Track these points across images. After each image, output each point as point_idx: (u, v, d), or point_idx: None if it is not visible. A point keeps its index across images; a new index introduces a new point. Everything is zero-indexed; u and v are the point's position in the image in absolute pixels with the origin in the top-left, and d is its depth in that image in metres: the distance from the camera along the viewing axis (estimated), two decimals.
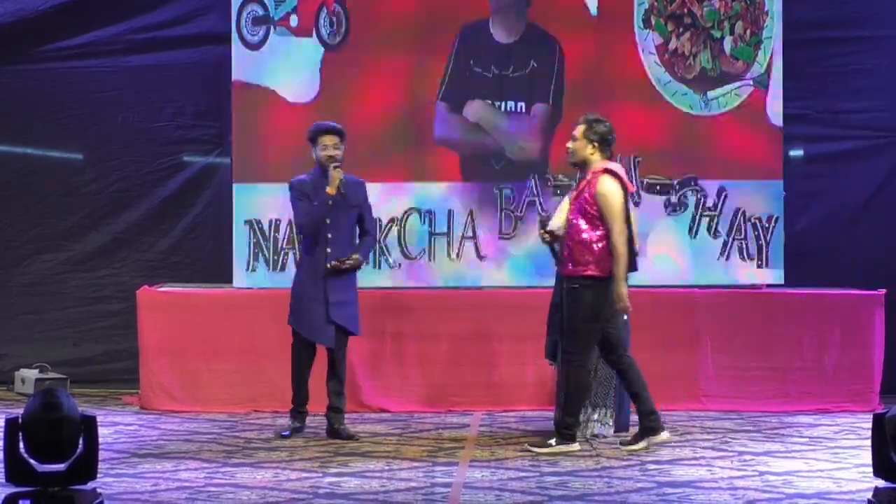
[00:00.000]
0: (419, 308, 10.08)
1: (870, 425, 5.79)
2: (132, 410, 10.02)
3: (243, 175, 10.22)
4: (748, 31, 10.35)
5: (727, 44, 10.34)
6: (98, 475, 5.60)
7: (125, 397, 10.46)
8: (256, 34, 10.29)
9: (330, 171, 8.69)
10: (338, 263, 8.70)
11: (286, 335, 9.44)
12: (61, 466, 5.47)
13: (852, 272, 10.60)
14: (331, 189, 8.68)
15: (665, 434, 8.36)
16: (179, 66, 11.05)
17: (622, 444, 8.36)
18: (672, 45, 10.33)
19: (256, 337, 9.80)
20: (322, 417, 9.56)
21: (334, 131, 8.82)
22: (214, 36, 10.85)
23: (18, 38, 10.97)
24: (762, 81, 10.33)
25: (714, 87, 10.33)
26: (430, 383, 10.03)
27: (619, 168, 8.41)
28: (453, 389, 9.99)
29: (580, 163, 8.37)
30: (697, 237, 10.32)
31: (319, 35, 10.32)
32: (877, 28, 10.93)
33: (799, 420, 9.60)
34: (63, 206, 11.12)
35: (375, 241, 9.30)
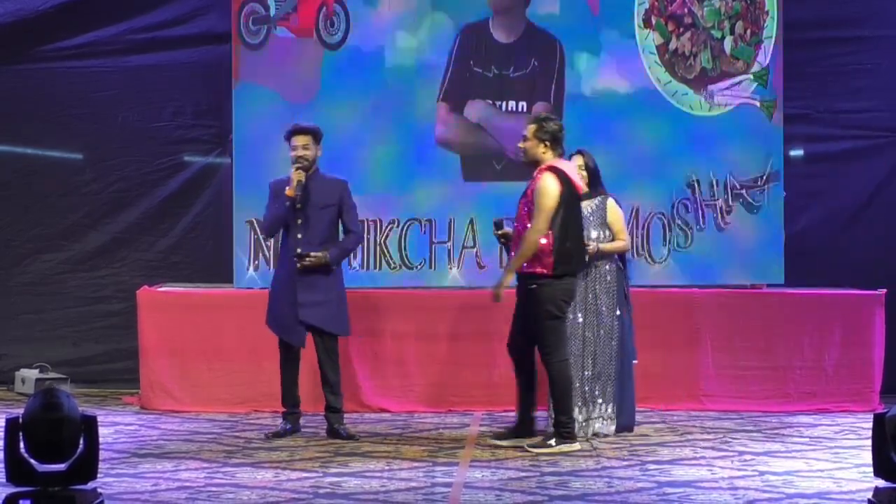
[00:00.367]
0: (419, 308, 10.07)
1: (870, 425, 5.79)
2: (132, 410, 10.02)
3: (243, 175, 10.22)
4: (748, 31, 10.35)
5: (727, 44, 10.34)
6: (98, 475, 5.61)
7: (125, 397, 10.47)
8: (256, 34, 10.29)
9: (291, 173, 8.69)
10: (297, 259, 8.66)
11: None
12: (62, 466, 5.48)
13: (852, 272, 10.61)
14: (289, 190, 8.64)
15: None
16: (179, 66, 11.06)
17: (529, 447, 8.33)
18: (672, 45, 10.33)
19: (257, 337, 9.77)
20: (321, 417, 9.57)
21: (305, 131, 8.76)
22: (214, 35, 10.86)
23: (18, 38, 10.97)
24: (762, 81, 10.33)
25: (714, 90, 10.33)
26: (431, 383, 10.03)
27: (569, 166, 8.38)
28: (453, 389, 9.99)
29: (532, 162, 8.38)
30: (698, 237, 10.31)
31: (319, 35, 10.32)
32: (877, 28, 10.94)
33: (799, 420, 9.60)
34: (63, 206, 11.12)
35: (360, 239, 9.18)
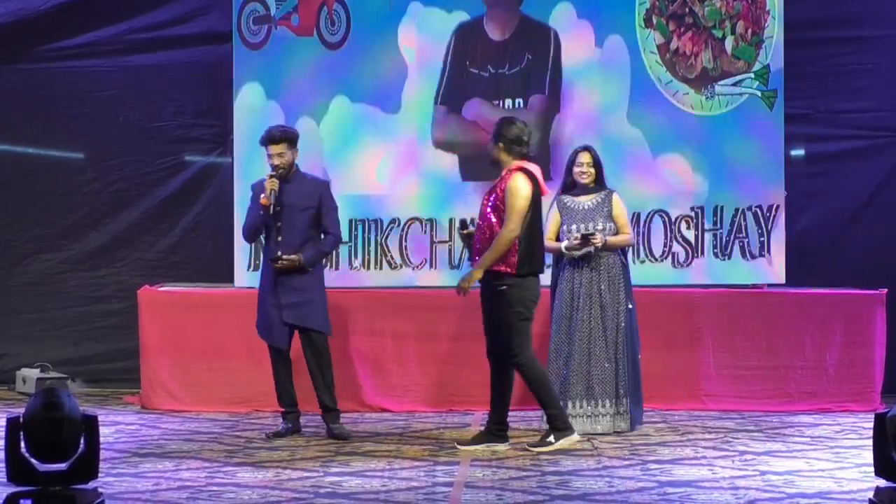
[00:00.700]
0: (420, 308, 10.07)
1: (871, 425, 5.79)
2: (133, 410, 10.03)
3: (244, 175, 10.21)
4: (749, 31, 10.35)
5: (728, 43, 10.34)
6: (99, 475, 5.60)
7: (126, 397, 10.47)
8: (257, 34, 10.29)
9: (266, 181, 8.70)
10: (271, 262, 8.68)
11: None
12: (62, 466, 5.47)
13: (853, 271, 10.60)
14: (263, 199, 8.66)
15: (506, 446, 8.40)
16: (180, 66, 11.06)
17: (529, 446, 8.36)
18: (673, 45, 10.33)
19: (257, 336, 9.76)
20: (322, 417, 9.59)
21: (277, 140, 8.71)
22: (215, 35, 10.86)
23: (19, 38, 10.98)
24: (763, 81, 10.33)
25: (715, 87, 10.33)
26: (431, 383, 10.03)
27: (536, 169, 8.40)
28: (454, 389, 9.99)
29: (495, 163, 8.44)
30: (698, 236, 10.31)
31: (320, 34, 10.32)
32: (877, 28, 10.93)
33: (800, 419, 9.60)
34: (63, 206, 11.13)
35: (338, 241, 9.09)
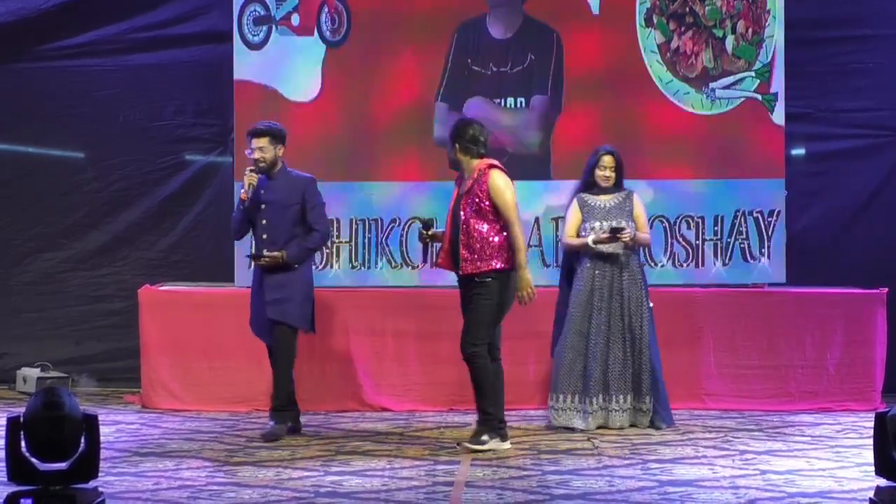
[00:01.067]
0: (420, 307, 10.07)
1: (871, 424, 5.79)
2: (134, 409, 10.02)
3: (244, 174, 10.20)
4: (750, 30, 10.34)
5: (729, 43, 10.34)
6: (100, 474, 5.61)
7: (127, 396, 10.47)
8: (258, 34, 10.29)
9: (245, 175, 8.70)
10: (252, 259, 8.68)
11: None
12: (63, 465, 5.48)
13: (854, 271, 10.60)
14: (242, 193, 8.67)
15: (508, 444, 8.39)
16: (181, 65, 11.05)
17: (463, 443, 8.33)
18: (674, 44, 10.32)
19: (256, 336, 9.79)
20: (323, 416, 9.59)
21: (261, 133, 8.74)
22: (216, 34, 10.85)
23: (20, 37, 10.97)
24: (764, 80, 10.32)
25: (716, 87, 10.33)
26: (432, 382, 10.03)
27: (498, 164, 8.45)
28: (455, 388, 9.97)
29: (454, 165, 8.47)
30: (699, 236, 10.31)
31: (321, 33, 10.32)
32: (878, 27, 10.93)
33: (801, 419, 9.60)
34: (64, 205, 11.12)
35: (324, 237, 9.00)
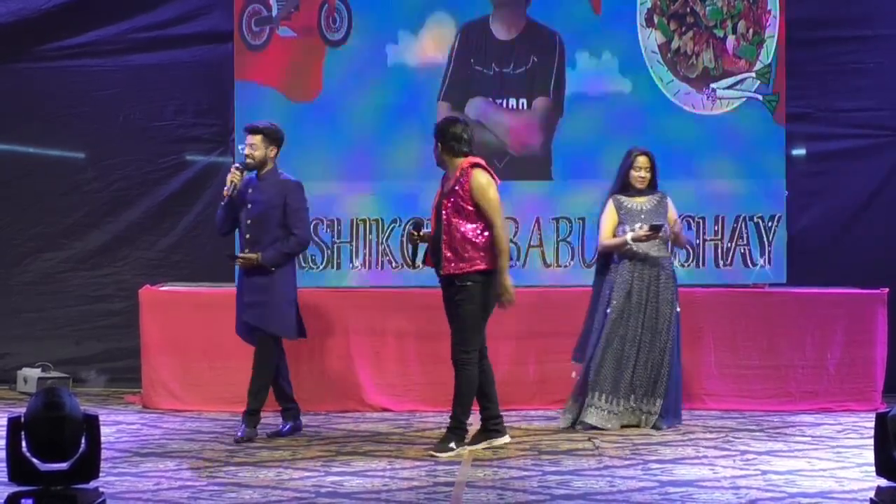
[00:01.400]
0: (421, 307, 10.07)
1: (872, 424, 5.79)
2: (134, 409, 10.02)
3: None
4: (750, 31, 10.35)
5: (730, 43, 10.34)
6: (100, 474, 5.61)
7: (127, 396, 10.47)
8: (259, 34, 10.29)
9: (230, 172, 8.68)
10: (229, 258, 8.65)
11: None
12: (63, 465, 5.48)
13: (854, 271, 10.60)
14: (225, 190, 8.64)
15: (506, 438, 8.41)
16: (181, 65, 11.05)
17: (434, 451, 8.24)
18: (675, 45, 10.33)
19: None
20: (323, 416, 9.60)
21: (255, 130, 8.72)
22: (216, 34, 10.86)
23: (20, 37, 10.97)
24: (765, 80, 10.33)
25: (716, 88, 10.33)
26: (432, 382, 10.02)
27: (482, 162, 8.35)
28: None
29: (440, 163, 8.42)
30: (699, 237, 10.31)
31: (322, 32, 10.32)
32: (878, 27, 10.94)
33: (801, 419, 9.60)
34: (64, 205, 11.13)
35: (302, 242, 8.85)
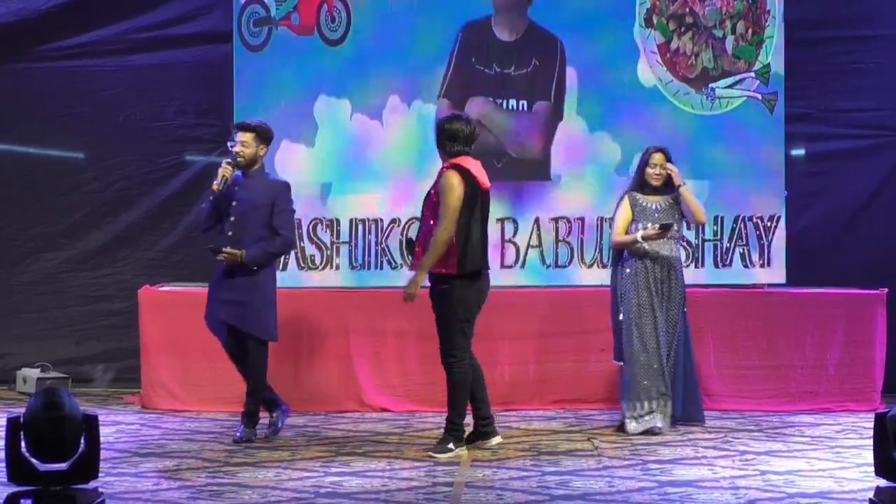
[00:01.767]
0: (420, 307, 10.05)
1: (871, 424, 5.80)
2: (134, 409, 10.03)
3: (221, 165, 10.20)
4: (750, 31, 10.35)
5: (729, 43, 10.34)
6: (100, 474, 5.61)
7: (127, 396, 10.47)
8: (258, 35, 10.30)
9: (221, 166, 8.62)
10: (211, 252, 8.56)
11: (287, 334, 9.47)
12: (63, 465, 5.48)
13: (854, 271, 10.61)
14: (215, 185, 8.57)
15: (497, 438, 8.36)
16: (181, 65, 11.05)
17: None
18: (674, 45, 10.33)
19: None
20: (322, 417, 9.60)
21: (247, 128, 8.67)
22: (216, 35, 10.85)
23: (20, 38, 10.97)
24: (764, 81, 10.33)
25: (716, 87, 10.34)
26: (432, 382, 10.00)
27: (473, 163, 8.25)
28: None
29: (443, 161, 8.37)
30: (698, 236, 10.31)
31: (321, 31, 10.32)
32: (878, 27, 10.94)
33: (800, 419, 9.60)
34: (64, 205, 11.13)
35: (288, 244, 8.83)
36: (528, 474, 7.57)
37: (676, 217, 9.03)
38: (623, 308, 8.95)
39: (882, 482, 5.67)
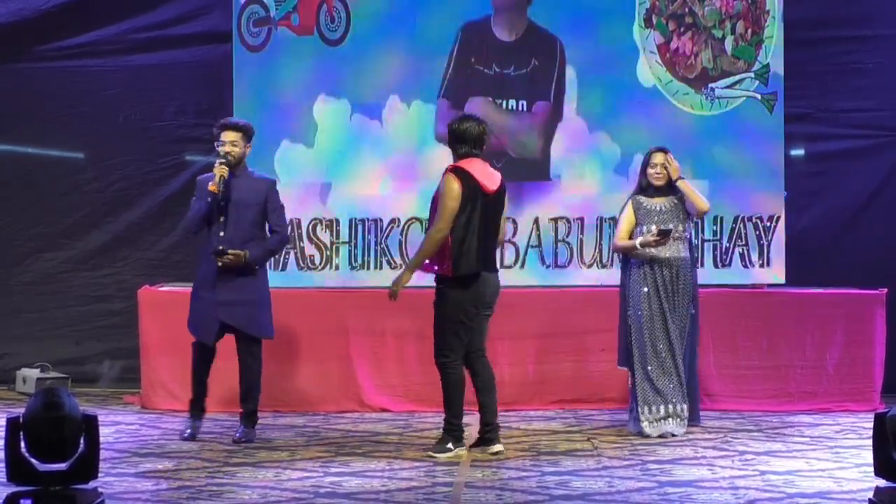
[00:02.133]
0: (420, 307, 10.05)
1: (871, 425, 5.80)
2: (133, 410, 10.03)
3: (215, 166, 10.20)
4: (749, 31, 10.35)
5: (728, 43, 10.35)
6: (99, 474, 5.61)
7: (126, 396, 10.47)
8: (258, 35, 10.30)
9: (215, 167, 8.57)
10: (215, 255, 8.48)
11: (286, 334, 9.48)
12: (62, 466, 5.48)
13: (853, 271, 10.61)
14: (212, 186, 8.51)
15: (498, 446, 8.28)
16: (181, 65, 11.06)
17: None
18: (673, 45, 10.34)
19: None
20: (324, 416, 9.60)
21: (234, 128, 8.64)
22: (216, 35, 10.85)
23: (20, 38, 10.98)
24: (763, 81, 10.34)
25: (715, 87, 10.34)
26: (432, 382, 9.97)
27: (477, 166, 8.20)
28: None
29: None
30: (697, 236, 10.31)
31: (320, 32, 10.33)
32: (878, 27, 10.95)
33: (800, 419, 9.60)
34: (64, 205, 11.13)
35: (285, 240, 8.87)
36: (528, 474, 7.57)
37: (682, 217, 8.99)
38: (632, 311, 8.91)
39: (881, 482, 5.67)
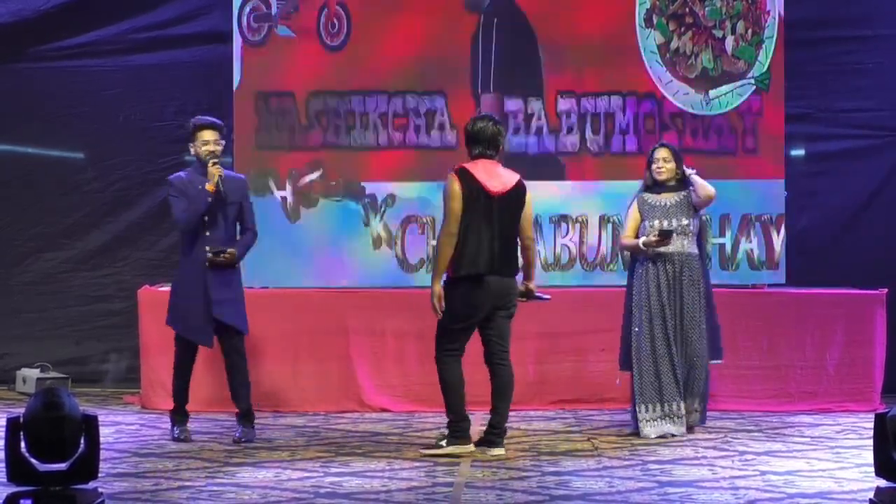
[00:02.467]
0: (420, 307, 10.05)
1: (871, 425, 5.80)
2: (133, 410, 10.03)
3: (245, 174, 10.20)
4: (749, 31, 10.35)
5: (729, 43, 10.35)
6: (99, 474, 5.61)
7: (126, 396, 10.47)
8: (258, 34, 10.30)
9: (209, 168, 8.54)
10: (212, 256, 8.49)
11: (286, 334, 9.47)
12: (62, 466, 5.48)
13: (853, 271, 10.61)
14: (210, 185, 8.51)
15: (500, 450, 8.24)
16: (181, 65, 11.06)
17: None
18: (673, 45, 10.33)
19: (256, 336, 9.77)
20: (324, 417, 9.59)
21: (214, 126, 8.67)
22: (216, 34, 10.85)
23: (20, 38, 10.98)
24: (764, 81, 10.33)
25: (715, 87, 10.34)
26: (432, 382, 9.96)
27: (483, 166, 8.15)
28: None
29: None
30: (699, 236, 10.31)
31: (321, 34, 10.33)
32: (878, 27, 10.94)
33: (800, 419, 9.60)
34: (64, 205, 11.13)
35: (255, 237, 8.88)
36: (528, 474, 7.57)
37: (689, 213, 8.93)
38: (635, 308, 8.89)
39: (882, 482, 5.66)
